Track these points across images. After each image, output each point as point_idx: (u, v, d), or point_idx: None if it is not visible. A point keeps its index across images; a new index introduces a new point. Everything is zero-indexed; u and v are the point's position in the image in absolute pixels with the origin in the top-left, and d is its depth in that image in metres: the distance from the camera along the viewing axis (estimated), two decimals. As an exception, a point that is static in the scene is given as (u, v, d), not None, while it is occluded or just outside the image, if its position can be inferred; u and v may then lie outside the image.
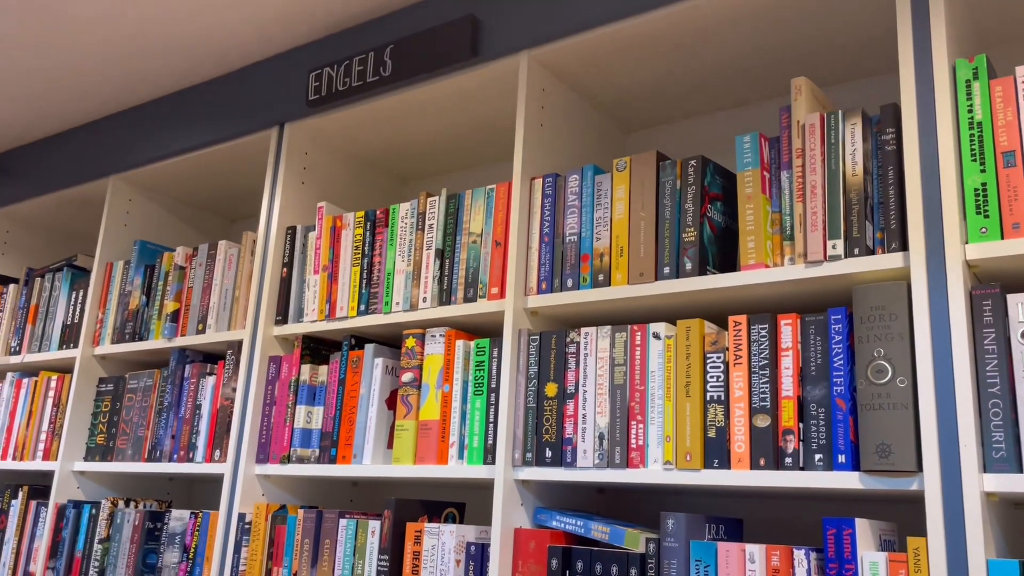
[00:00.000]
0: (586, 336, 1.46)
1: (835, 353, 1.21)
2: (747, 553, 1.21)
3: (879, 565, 1.10)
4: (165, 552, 1.91)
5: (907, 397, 1.12)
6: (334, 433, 1.74)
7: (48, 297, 2.46)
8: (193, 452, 1.95)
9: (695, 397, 1.32)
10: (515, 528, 1.46)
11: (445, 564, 1.49)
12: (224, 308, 2.02)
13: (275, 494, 1.84)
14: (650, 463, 1.34)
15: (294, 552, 1.69)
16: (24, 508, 2.24)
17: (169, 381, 2.06)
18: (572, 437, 1.43)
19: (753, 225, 1.33)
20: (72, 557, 2.07)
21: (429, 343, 1.66)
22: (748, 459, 1.25)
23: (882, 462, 1.11)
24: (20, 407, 2.39)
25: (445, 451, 1.59)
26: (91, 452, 2.18)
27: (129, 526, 1.99)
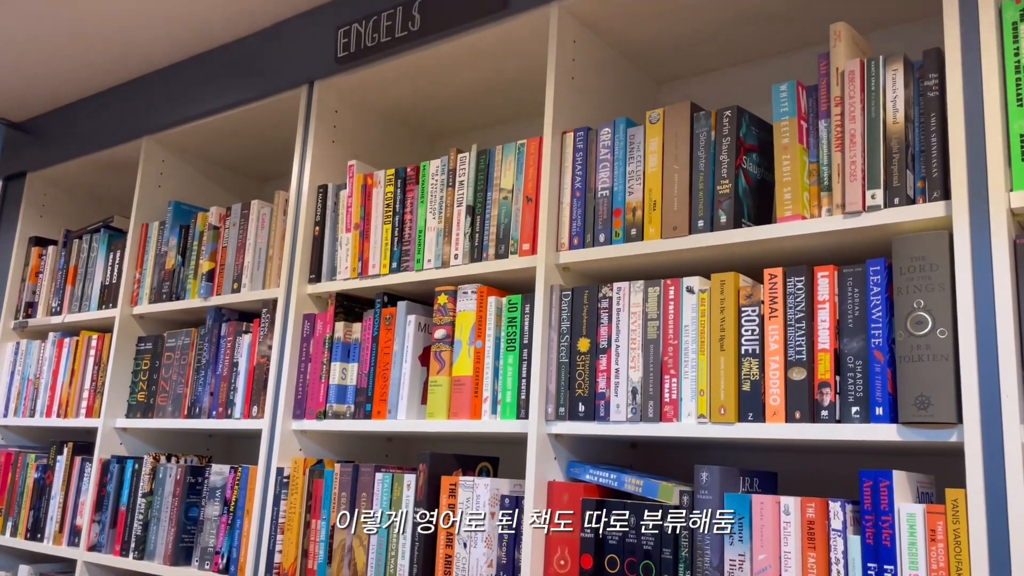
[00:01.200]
0: (618, 291, 1.45)
1: (873, 305, 1.19)
2: (782, 505, 1.21)
3: (916, 517, 1.09)
4: (206, 505, 1.96)
5: (947, 348, 1.10)
6: (369, 389, 1.76)
7: (86, 258, 2.50)
8: (231, 408, 1.99)
9: (729, 351, 1.31)
10: (548, 481, 1.47)
11: (480, 517, 1.51)
12: (258, 267, 2.04)
13: (312, 449, 1.87)
14: (684, 417, 1.34)
15: (332, 504, 1.72)
16: (69, 464, 2.30)
17: (206, 339, 2.10)
18: (605, 392, 1.43)
19: (790, 176, 1.31)
20: (117, 510, 2.13)
21: (461, 300, 1.66)
22: (783, 412, 1.24)
23: (921, 414, 1.10)
24: (63, 366, 2.44)
25: (478, 406, 1.60)
26: (132, 409, 2.23)
27: (171, 480, 2.03)
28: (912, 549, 1.09)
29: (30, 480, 2.40)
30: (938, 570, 1.06)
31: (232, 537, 1.88)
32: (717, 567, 1.24)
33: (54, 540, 2.27)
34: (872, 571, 1.12)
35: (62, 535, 2.25)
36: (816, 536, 1.17)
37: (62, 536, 2.25)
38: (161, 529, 2.02)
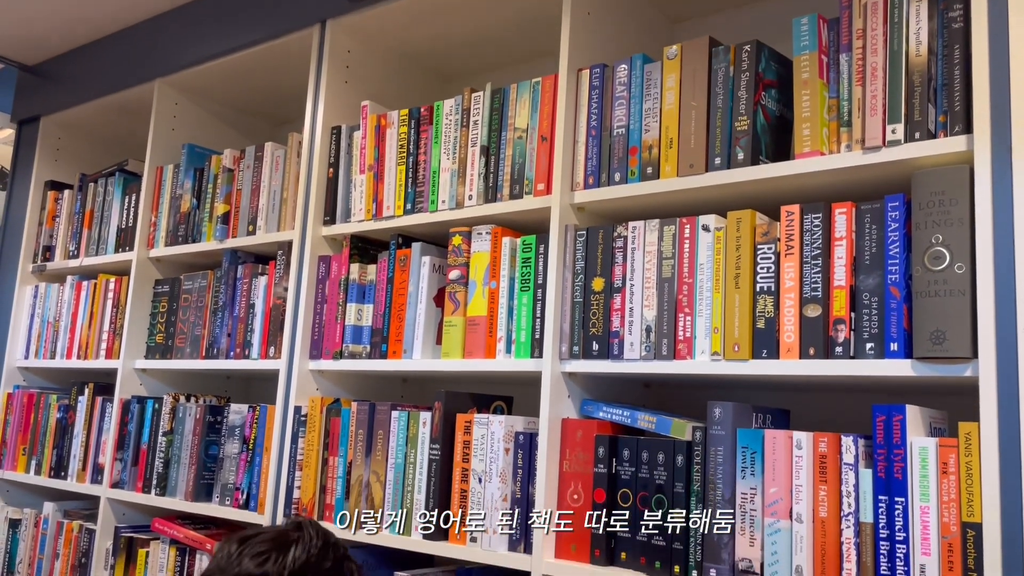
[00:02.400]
0: (634, 230, 1.45)
1: (891, 241, 1.19)
2: (794, 440, 1.22)
3: (928, 451, 1.10)
4: (226, 444, 1.99)
5: (964, 283, 1.10)
6: (384, 330, 1.77)
7: (102, 202, 2.51)
8: (248, 349, 2.01)
9: (744, 288, 1.31)
10: (562, 418, 1.49)
11: (495, 452, 1.53)
12: (273, 209, 2.04)
13: (328, 389, 1.90)
14: (697, 354, 1.35)
15: (349, 442, 1.75)
16: (91, 404, 2.34)
17: (222, 281, 2.11)
18: (619, 330, 1.44)
19: (809, 112, 1.29)
20: (138, 449, 2.17)
21: (475, 241, 1.66)
22: (797, 349, 1.25)
23: (936, 348, 1.10)
24: (81, 309, 2.47)
25: (493, 346, 1.61)
26: (151, 351, 2.26)
27: (191, 419, 2.07)
28: (924, 482, 1.10)
29: (52, 420, 2.45)
30: (949, 502, 1.07)
31: (251, 474, 1.92)
32: (729, 500, 1.26)
33: (77, 478, 2.32)
34: (883, 504, 1.13)
35: (85, 473, 2.30)
36: (828, 470, 1.18)
37: (85, 474, 2.30)
38: (182, 467, 2.06)
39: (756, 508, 1.23)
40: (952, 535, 1.06)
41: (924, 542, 1.08)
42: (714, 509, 1.26)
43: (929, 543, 1.08)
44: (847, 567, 1.15)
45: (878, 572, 1.12)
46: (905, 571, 1.09)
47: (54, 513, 2.37)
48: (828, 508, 1.17)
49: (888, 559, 1.11)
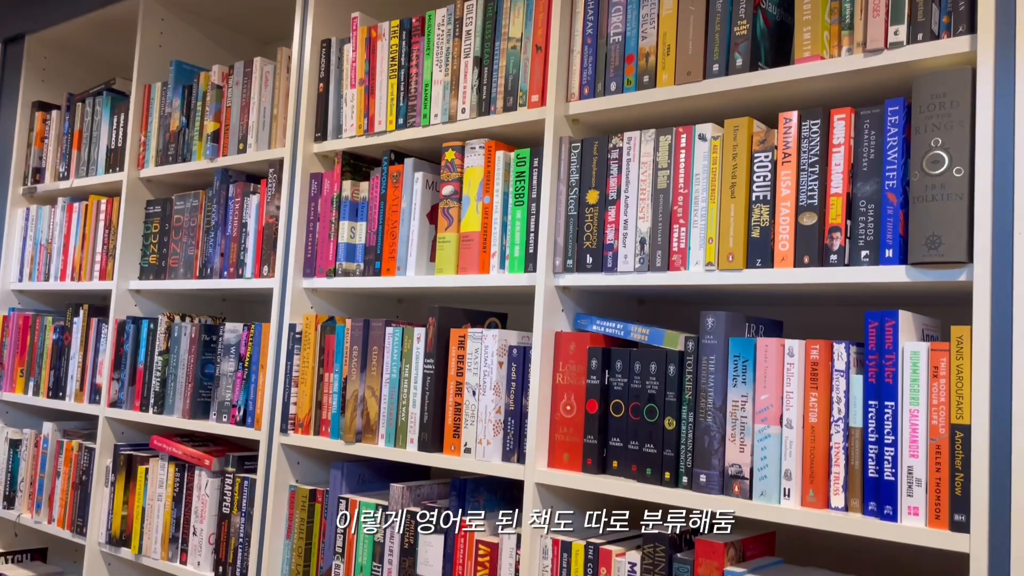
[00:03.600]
0: (629, 141, 1.42)
1: (889, 146, 1.17)
2: (786, 348, 1.22)
3: (920, 355, 1.10)
4: (221, 362, 2.00)
5: (962, 187, 1.08)
6: (378, 247, 1.76)
7: (90, 122, 2.47)
8: (242, 268, 2.00)
9: (740, 198, 1.29)
10: (556, 331, 1.49)
11: (488, 366, 1.54)
12: (263, 127, 2.01)
13: (323, 308, 1.89)
14: (691, 265, 1.34)
15: (344, 359, 1.75)
16: (86, 325, 2.34)
17: (214, 201, 2.09)
18: (613, 243, 1.43)
19: (810, 15, 1.25)
20: (135, 369, 2.18)
21: (469, 155, 1.64)
22: (792, 257, 1.24)
23: (931, 253, 1.09)
24: (73, 231, 2.46)
25: (487, 261, 1.60)
26: (145, 272, 2.25)
27: (186, 339, 2.07)
28: (914, 386, 1.10)
29: (49, 342, 2.46)
30: (938, 405, 1.08)
31: (248, 391, 1.93)
32: (720, 408, 1.27)
33: (75, 398, 2.34)
34: (872, 408, 1.14)
35: (83, 393, 2.32)
36: (819, 376, 1.19)
37: (83, 394, 2.32)
38: (178, 385, 2.07)
39: (747, 415, 1.24)
40: (940, 437, 1.07)
41: (912, 444, 1.09)
42: (705, 417, 1.27)
43: (917, 445, 1.09)
44: (835, 471, 1.16)
45: (866, 475, 1.13)
46: (893, 473, 1.11)
47: (53, 433, 2.40)
48: (818, 414, 1.18)
49: (876, 462, 1.12)
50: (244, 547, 1.88)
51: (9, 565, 2.57)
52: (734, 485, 1.24)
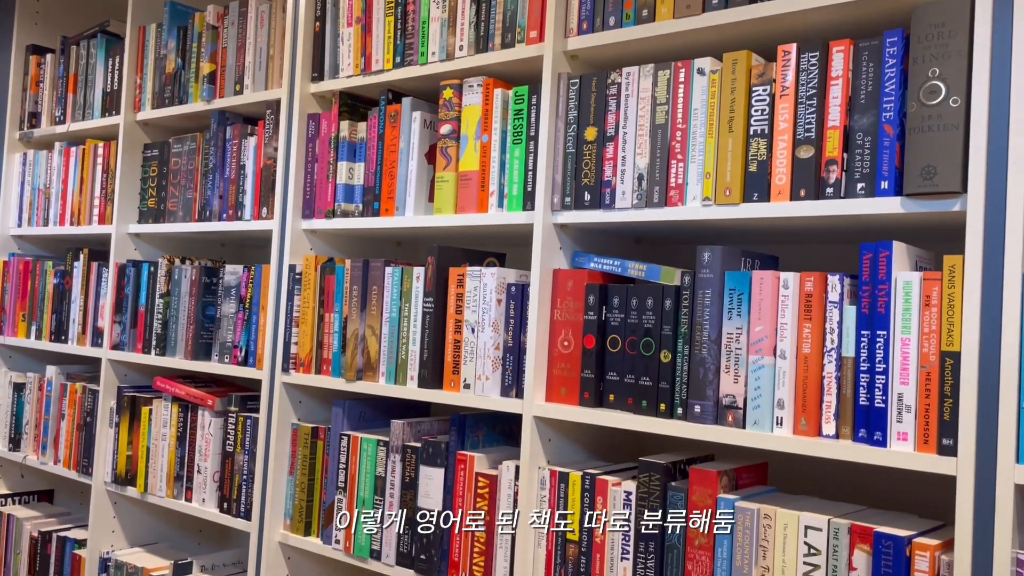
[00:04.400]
0: (627, 76, 1.42)
1: (887, 78, 1.17)
2: (781, 280, 1.23)
3: (912, 284, 1.12)
4: (222, 304, 2.02)
5: (959, 117, 1.09)
6: (376, 187, 1.77)
7: (85, 65, 2.45)
8: (241, 211, 2.01)
9: (738, 132, 1.30)
10: (554, 269, 1.50)
11: (487, 303, 1.56)
12: (260, 68, 2.00)
13: (322, 250, 1.90)
14: (689, 200, 1.35)
15: (344, 299, 1.77)
16: (87, 269, 2.36)
17: (211, 143, 2.09)
18: (611, 179, 1.43)
19: (810, -55, 1.24)
20: (136, 312, 2.20)
21: (467, 94, 1.63)
22: (788, 191, 1.25)
23: (926, 184, 1.10)
24: (71, 175, 2.45)
25: (485, 200, 1.61)
26: (144, 216, 2.25)
27: (187, 281, 2.09)
28: (906, 315, 1.12)
29: (49, 286, 2.47)
30: (929, 333, 1.10)
31: (249, 332, 1.95)
32: (715, 340, 1.29)
33: (78, 341, 2.36)
34: (865, 338, 1.16)
35: (85, 336, 2.34)
36: (813, 308, 1.20)
37: (85, 337, 2.34)
38: (180, 327, 2.09)
39: (741, 347, 1.26)
40: (931, 364, 1.09)
41: (903, 372, 1.11)
42: (700, 349, 1.29)
43: (908, 373, 1.11)
44: (827, 399, 1.19)
45: (857, 402, 1.16)
46: (883, 400, 1.13)
47: (57, 376, 2.43)
48: (812, 344, 1.20)
49: (867, 390, 1.15)
50: (248, 484, 1.91)
51: (16, 506, 2.62)
52: (728, 415, 1.27)
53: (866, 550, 1.13)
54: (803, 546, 1.18)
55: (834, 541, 1.16)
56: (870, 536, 1.13)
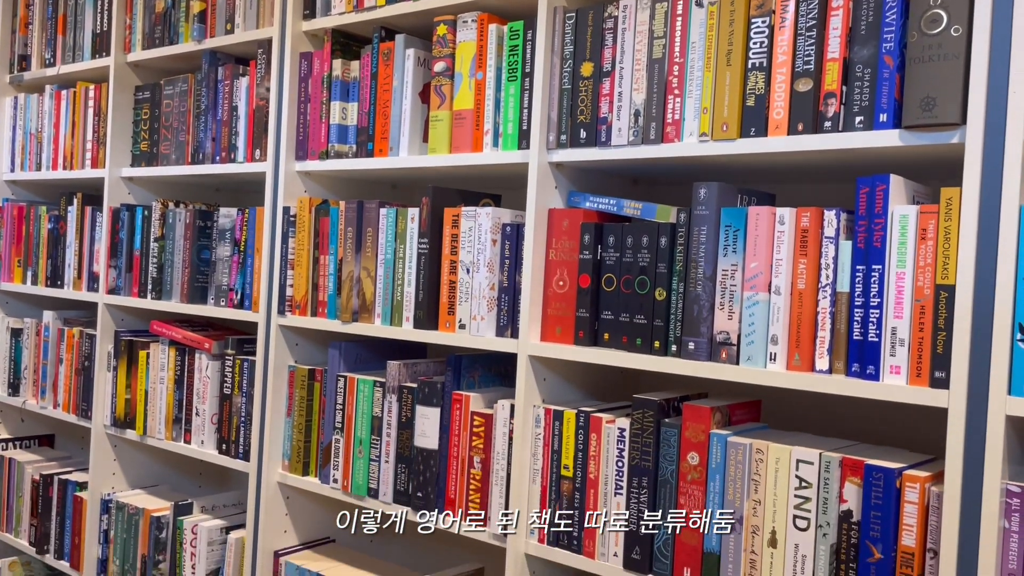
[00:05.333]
0: (624, 9, 1.39)
1: (888, 7, 1.14)
2: (777, 216, 1.22)
3: (909, 218, 1.11)
4: (217, 247, 2.01)
5: (959, 47, 1.07)
6: (370, 128, 1.75)
7: (74, 5, 2.41)
8: (234, 153, 1.99)
9: (736, 65, 1.27)
10: (549, 208, 1.49)
11: (482, 244, 1.55)
12: (250, 5, 1.96)
13: (317, 193, 1.89)
14: (685, 136, 1.33)
15: (339, 241, 1.76)
16: (80, 214, 2.34)
17: (203, 84, 2.06)
18: (607, 116, 1.41)
19: None
20: (131, 256, 2.19)
21: (461, 30, 1.60)
22: (786, 125, 1.23)
23: (925, 115, 1.09)
24: (63, 119, 2.42)
25: (480, 139, 1.59)
26: (136, 159, 2.23)
27: (181, 225, 2.08)
28: (902, 248, 1.11)
29: (44, 231, 2.46)
30: (925, 267, 1.09)
31: (244, 275, 1.95)
32: (710, 277, 1.28)
33: (73, 286, 2.36)
34: (860, 273, 1.15)
35: (81, 281, 2.34)
36: (809, 243, 1.20)
37: (81, 282, 2.33)
38: (175, 271, 2.09)
39: (736, 284, 1.26)
40: (925, 298, 1.09)
41: (897, 306, 1.11)
42: (695, 286, 1.29)
43: (902, 307, 1.11)
44: (821, 335, 1.19)
45: (851, 337, 1.16)
46: (877, 334, 1.13)
47: (54, 321, 2.43)
48: (806, 280, 1.20)
49: (861, 324, 1.14)
50: (246, 425, 1.93)
51: (17, 450, 2.64)
52: (721, 352, 1.27)
53: (856, 483, 1.14)
54: (794, 479, 1.19)
55: (825, 474, 1.17)
56: (861, 469, 1.14)
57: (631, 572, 1.34)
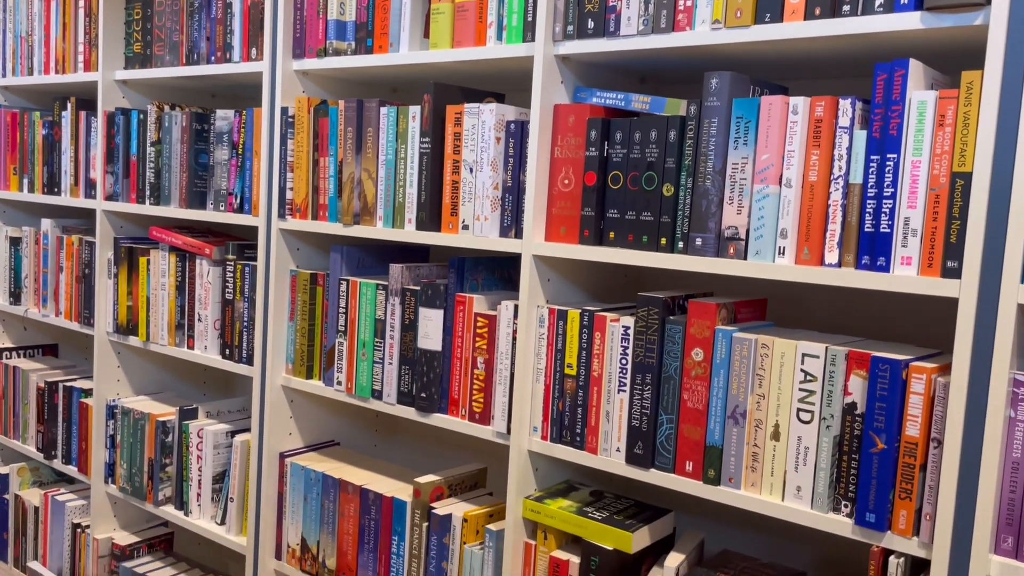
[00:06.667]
0: None
1: None
2: (791, 105, 1.19)
3: (927, 104, 1.08)
4: (215, 151, 1.97)
5: (990, -80, 1.02)
6: (369, 23, 1.69)
7: (59, -101, 2.31)
8: (229, 52, 1.93)
9: (751, -52, 1.22)
10: (555, 104, 1.45)
11: (486, 142, 1.51)
12: None
13: (315, 93, 1.84)
14: (697, 24, 1.28)
15: (338, 141, 1.72)
16: (75, 119, 2.29)
17: (196, -19, 1.99)
18: (616, 4, 1.36)
19: None
20: (128, 161, 2.15)
21: (464, -83, 1.53)
22: (803, 10, 1.18)
23: (949, -6, 1.04)
24: (53, 20, 2.35)
25: (483, 32, 1.54)
26: (130, 61, 2.17)
27: (177, 128, 2.03)
28: (918, 136, 1.08)
29: (39, 138, 2.41)
30: (941, 154, 1.06)
31: (243, 179, 1.92)
32: (719, 171, 1.25)
33: (71, 193, 2.33)
34: (874, 163, 1.12)
35: (78, 188, 2.30)
36: (822, 134, 1.16)
37: (78, 189, 2.30)
38: (173, 175, 2.05)
39: (746, 177, 1.23)
40: (940, 186, 1.06)
41: (911, 196, 1.09)
42: (704, 181, 1.26)
43: (916, 196, 1.08)
44: (831, 227, 1.16)
45: (862, 229, 1.13)
46: (889, 225, 1.11)
47: (52, 229, 2.41)
48: (819, 172, 1.17)
49: (873, 216, 1.12)
50: (249, 331, 1.92)
51: (22, 359, 2.65)
52: (729, 247, 1.25)
53: (862, 375, 1.14)
54: (799, 373, 1.19)
55: (831, 367, 1.17)
56: (867, 361, 1.13)
57: (633, 466, 1.35)
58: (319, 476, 1.79)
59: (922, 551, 1.10)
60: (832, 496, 1.18)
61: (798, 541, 1.50)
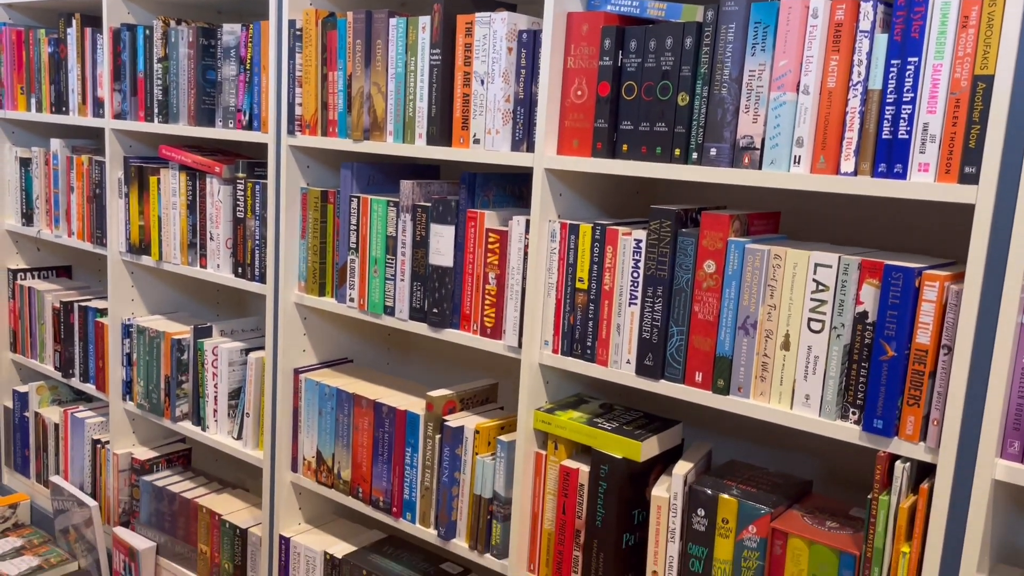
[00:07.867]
0: None
1: None
2: (811, 9, 1.16)
3: (951, 4, 1.05)
4: (222, 66, 1.95)
5: None
6: (377, -69, 1.65)
7: None
8: (235, -36, 1.89)
9: None
10: (568, 12, 1.42)
11: (497, 52, 1.49)
12: None
13: (323, 4, 1.81)
14: (716, -74, 1.24)
15: (347, 55, 1.70)
16: (80, 35, 2.26)
17: None
18: (632, -93, 1.32)
19: None
20: (135, 79, 2.13)
21: None
22: (825, -92, 1.14)
23: None
24: (53, -67, 2.30)
25: (495, -61, 1.49)
26: (134, -25, 2.13)
27: (184, 43, 2.00)
28: (941, 38, 1.06)
29: (44, 56, 2.39)
30: (964, 57, 1.04)
31: (252, 95, 1.90)
32: (736, 79, 1.23)
33: (79, 112, 2.31)
34: (894, 68, 1.10)
35: (86, 107, 2.29)
36: (842, 38, 1.14)
37: (86, 108, 2.29)
38: (181, 92, 2.03)
39: (763, 84, 1.21)
40: (961, 90, 1.05)
41: (931, 100, 1.07)
42: (720, 89, 1.24)
43: (936, 101, 1.07)
44: (848, 136, 1.15)
45: (880, 136, 1.12)
46: (907, 131, 1.09)
47: (62, 149, 2.40)
48: (837, 78, 1.15)
49: (891, 122, 1.11)
50: (260, 248, 1.93)
51: (36, 280, 2.68)
52: (744, 157, 1.24)
53: (875, 284, 1.14)
54: (811, 283, 1.19)
55: (843, 276, 1.17)
56: (879, 270, 1.13)
57: (643, 377, 1.37)
58: (333, 391, 1.82)
59: (928, 456, 1.11)
60: (840, 404, 1.19)
61: (804, 453, 1.52)
